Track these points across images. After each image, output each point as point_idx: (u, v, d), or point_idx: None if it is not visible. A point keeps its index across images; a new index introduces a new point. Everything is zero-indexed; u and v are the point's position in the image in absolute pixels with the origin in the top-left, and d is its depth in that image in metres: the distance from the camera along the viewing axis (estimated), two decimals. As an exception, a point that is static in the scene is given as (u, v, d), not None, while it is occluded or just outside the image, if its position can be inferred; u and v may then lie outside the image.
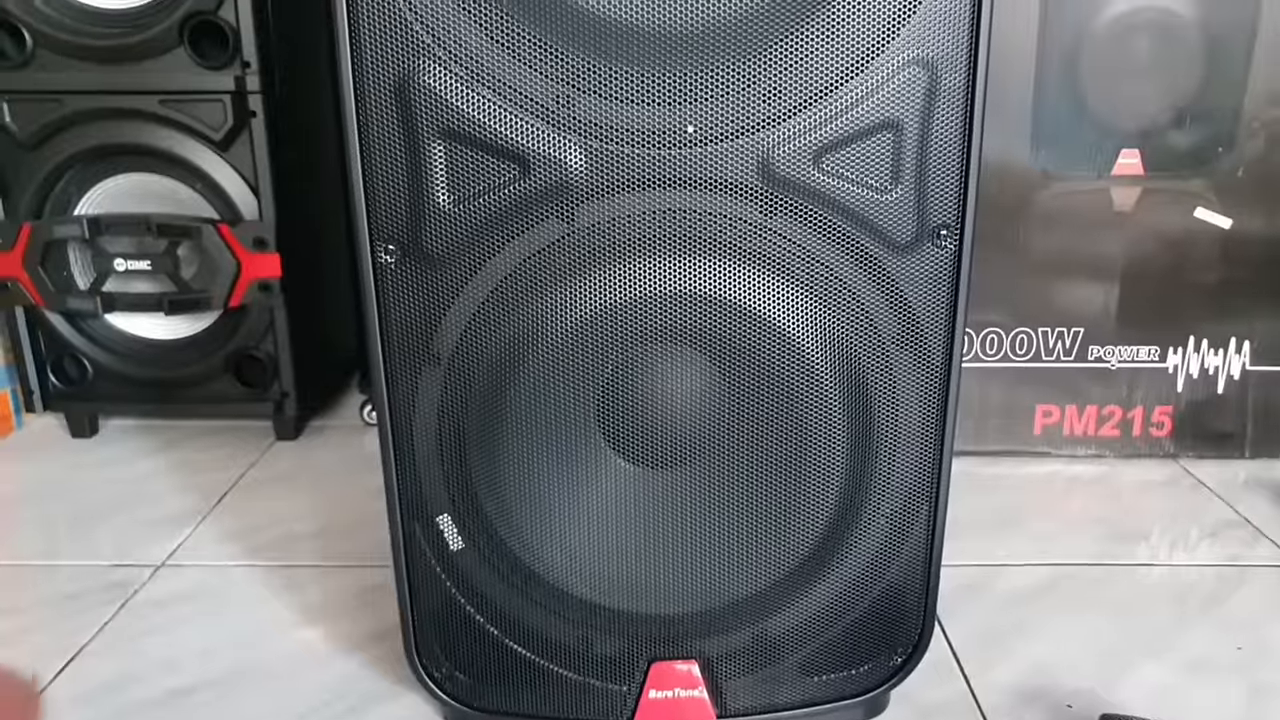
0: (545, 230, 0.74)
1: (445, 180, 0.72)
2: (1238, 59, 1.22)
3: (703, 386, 0.78)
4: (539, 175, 0.72)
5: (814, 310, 0.76)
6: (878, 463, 0.81)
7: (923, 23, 0.70)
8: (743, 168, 0.72)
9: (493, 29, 0.69)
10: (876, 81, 0.71)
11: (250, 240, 1.33)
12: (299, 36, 1.37)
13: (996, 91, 1.15)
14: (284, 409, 1.43)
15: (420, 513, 0.81)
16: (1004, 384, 1.35)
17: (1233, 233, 1.27)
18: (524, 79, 0.70)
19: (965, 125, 0.73)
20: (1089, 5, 1.21)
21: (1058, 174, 1.27)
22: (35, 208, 1.36)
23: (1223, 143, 1.25)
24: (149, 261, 1.36)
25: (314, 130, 1.43)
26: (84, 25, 1.28)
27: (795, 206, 0.73)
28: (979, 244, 0.77)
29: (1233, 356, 1.32)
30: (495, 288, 0.76)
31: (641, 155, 0.72)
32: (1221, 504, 1.26)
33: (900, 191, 0.73)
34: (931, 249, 0.75)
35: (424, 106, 0.70)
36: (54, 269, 1.37)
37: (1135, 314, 1.31)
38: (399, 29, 0.69)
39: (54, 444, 1.48)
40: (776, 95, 0.71)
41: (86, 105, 1.30)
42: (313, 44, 1.38)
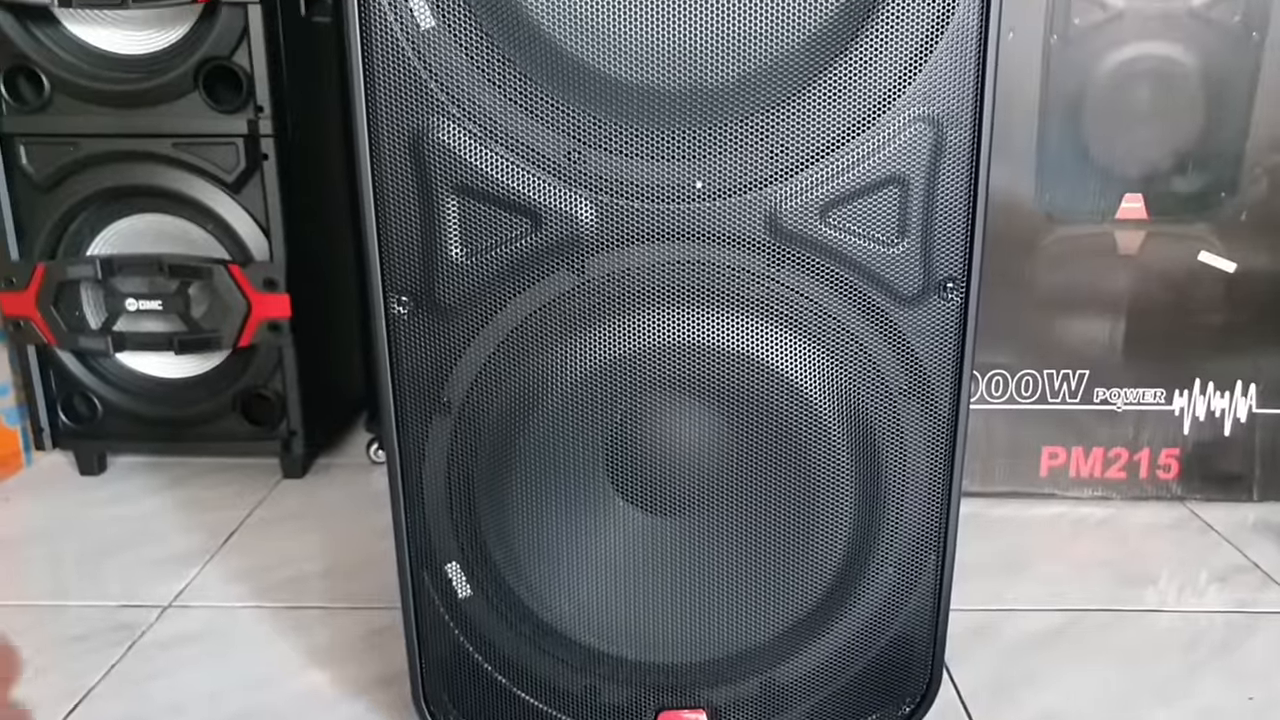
0: (556, 282, 0.75)
1: (458, 234, 0.73)
2: (1239, 106, 1.23)
3: (711, 435, 0.79)
4: (550, 229, 0.73)
5: (822, 361, 0.76)
6: (885, 512, 0.82)
7: (928, 81, 0.71)
8: (750, 222, 0.73)
9: (506, 86, 0.71)
10: (883, 138, 0.72)
11: (260, 281, 1.34)
12: (311, 80, 1.39)
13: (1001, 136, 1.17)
14: (292, 447, 1.44)
15: (429, 561, 0.82)
16: (1010, 426, 1.35)
17: (1237, 276, 1.28)
18: (536, 135, 0.72)
19: (971, 180, 0.73)
20: (1091, 53, 1.22)
21: (1063, 218, 1.28)
22: (49, 248, 1.37)
23: (1225, 188, 1.26)
24: (160, 301, 1.37)
25: (324, 172, 1.44)
26: (101, 70, 1.31)
27: (803, 259, 0.74)
28: (985, 286, 0.78)
29: (1239, 399, 1.32)
30: (506, 338, 0.76)
31: (651, 210, 0.73)
32: (1230, 548, 1.25)
33: (906, 245, 0.74)
34: (938, 302, 0.76)
35: (438, 162, 0.71)
36: (66, 308, 1.38)
37: (1141, 356, 1.31)
38: (414, 86, 0.71)
39: (62, 481, 1.48)
40: (784, 151, 0.72)
41: (101, 148, 1.32)
42: (324, 88, 1.40)
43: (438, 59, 0.70)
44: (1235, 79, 1.22)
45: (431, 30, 0.70)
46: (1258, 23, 1.20)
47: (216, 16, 1.27)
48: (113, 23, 1.31)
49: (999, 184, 1.23)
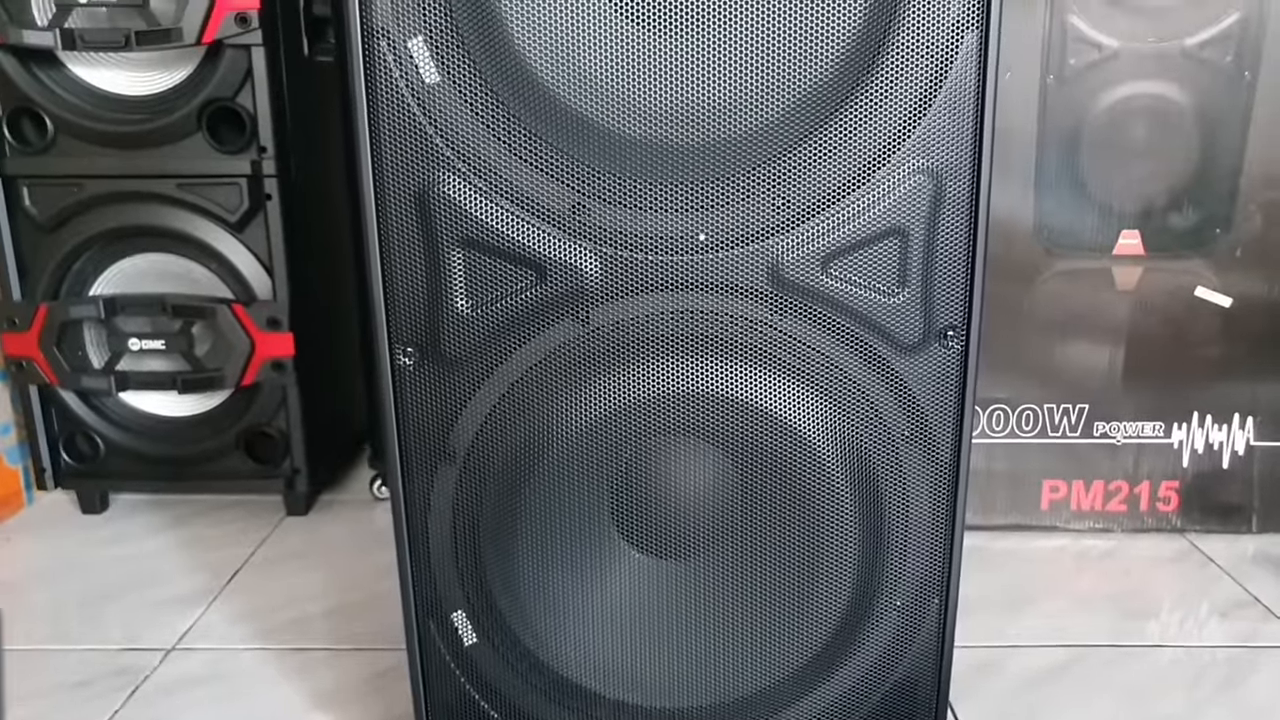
0: (560, 331, 0.76)
1: (463, 286, 0.74)
2: (1232, 144, 1.24)
3: (716, 481, 0.80)
4: (555, 281, 0.74)
5: (825, 409, 0.77)
6: (889, 557, 0.82)
7: (927, 134, 0.72)
8: (753, 273, 0.74)
9: (511, 140, 0.72)
10: (882, 190, 0.73)
11: (264, 320, 1.35)
12: (314, 119, 1.40)
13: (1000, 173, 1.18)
14: (295, 485, 1.44)
15: (435, 609, 0.82)
16: (1011, 459, 1.35)
17: (1233, 311, 1.29)
18: (541, 188, 0.73)
19: (970, 231, 0.74)
20: (1087, 92, 1.24)
21: (1061, 253, 1.29)
22: (52, 288, 1.38)
23: (1220, 224, 1.27)
24: (163, 341, 1.38)
25: (327, 210, 1.45)
26: (105, 112, 1.32)
27: (805, 309, 0.75)
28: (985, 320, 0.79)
29: (1237, 432, 1.32)
30: (511, 386, 0.77)
31: (654, 261, 0.74)
32: (1231, 582, 1.26)
33: (907, 295, 0.75)
34: (939, 349, 0.77)
35: (444, 216, 0.72)
36: (69, 348, 1.38)
37: (1139, 390, 1.32)
38: (419, 140, 0.71)
39: (64, 520, 1.48)
40: (786, 204, 0.73)
41: (105, 189, 1.33)
42: (327, 126, 1.41)
43: (442, 113, 0.71)
44: (1228, 118, 1.24)
45: (436, 85, 0.71)
46: (1249, 63, 1.22)
47: (220, 58, 1.29)
48: (116, 64, 1.32)
49: (998, 219, 1.24)
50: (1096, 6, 1.22)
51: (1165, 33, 1.22)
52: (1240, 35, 1.21)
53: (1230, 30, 1.21)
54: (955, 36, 0.71)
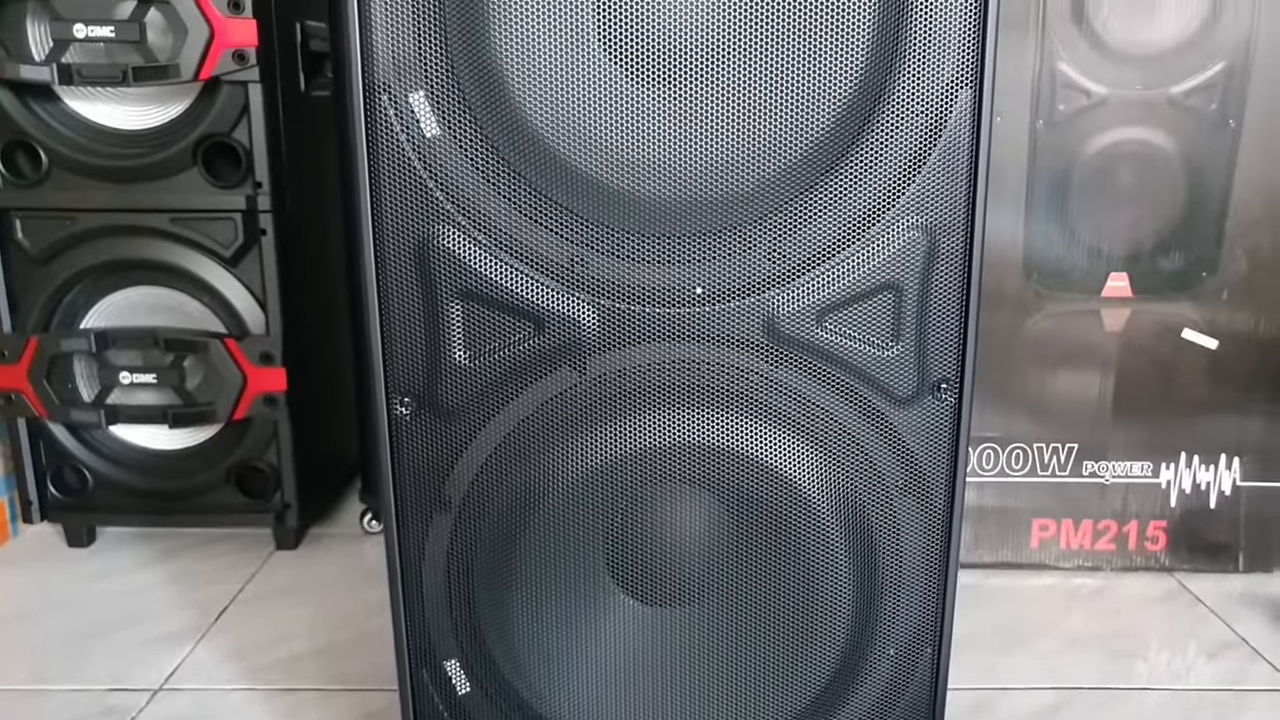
0: (557, 380, 0.76)
1: (461, 337, 0.74)
2: (1218, 189, 1.26)
3: (711, 530, 0.80)
4: (553, 333, 0.74)
5: (819, 459, 0.77)
6: (882, 605, 0.82)
7: (921, 191, 0.73)
8: (749, 326, 0.75)
9: (511, 193, 0.72)
10: (877, 246, 0.73)
11: (257, 355, 1.35)
12: (310, 154, 1.40)
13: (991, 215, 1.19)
14: (285, 519, 1.44)
15: (428, 659, 0.82)
16: (1001, 498, 1.36)
17: (1219, 353, 1.30)
18: (540, 240, 0.73)
19: (963, 286, 0.75)
20: (1076, 137, 1.26)
21: (1050, 295, 1.30)
22: (43, 320, 1.37)
23: (1207, 267, 1.29)
24: (155, 375, 1.37)
25: (321, 245, 1.45)
26: (100, 146, 1.32)
27: (800, 361, 0.76)
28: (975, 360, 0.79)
29: (1223, 472, 1.34)
30: (507, 435, 0.77)
31: (651, 313, 0.75)
32: (1218, 622, 1.26)
33: (901, 348, 0.76)
34: (932, 402, 0.78)
35: (443, 268, 0.73)
36: (59, 382, 1.38)
37: (1127, 430, 1.33)
38: (419, 193, 0.72)
39: (50, 553, 1.47)
40: (781, 258, 0.74)
41: (98, 223, 1.33)
42: (323, 162, 1.42)
43: (443, 167, 0.72)
44: (1214, 164, 1.26)
45: (436, 138, 0.72)
46: (1234, 111, 1.24)
47: (217, 94, 1.29)
48: (113, 98, 1.32)
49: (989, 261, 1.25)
50: (1085, 54, 1.24)
51: (1152, 81, 1.24)
52: (1225, 84, 1.23)
53: (1215, 79, 1.23)
54: (949, 95, 0.72)
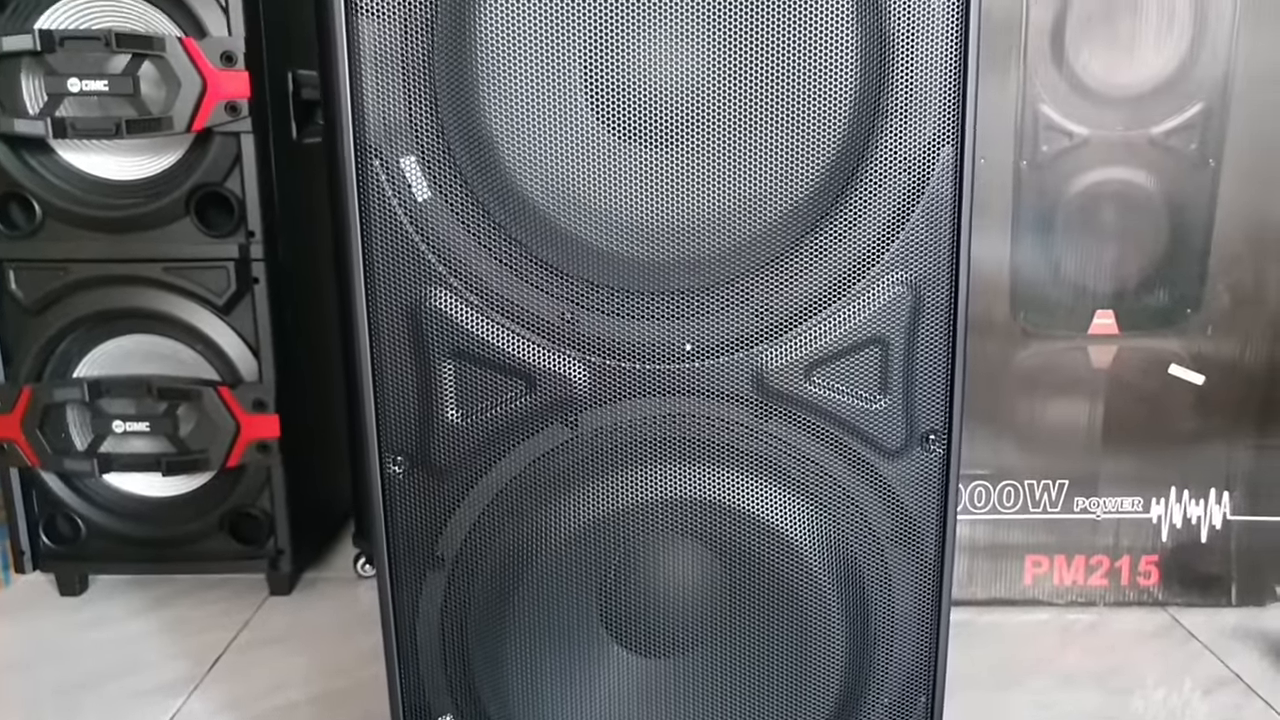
0: (549, 436, 0.77)
1: (454, 397, 0.75)
2: (1200, 226, 1.28)
3: (704, 580, 0.80)
4: (544, 390, 0.75)
5: (810, 512, 0.78)
6: (875, 655, 0.83)
7: (906, 246, 0.74)
8: (738, 381, 0.76)
9: (501, 254, 0.73)
10: (863, 301, 0.75)
11: (250, 402, 1.35)
12: (302, 201, 1.41)
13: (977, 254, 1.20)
14: (279, 565, 1.43)
15: (424, 715, 0.82)
16: (994, 535, 1.37)
17: (1206, 388, 1.32)
18: (531, 299, 0.74)
19: (949, 339, 0.76)
20: (1060, 177, 1.27)
21: (1037, 332, 1.32)
22: (36, 369, 1.38)
23: (1191, 304, 1.30)
24: (148, 423, 1.37)
25: (314, 291, 1.46)
26: (93, 196, 1.33)
27: (790, 414, 0.77)
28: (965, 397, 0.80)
29: (1213, 507, 1.35)
30: (500, 491, 0.78)
31: (642, 370, 0.75)
32: (1212, 658, 1.27)
33: (889, 401, 0.77)
34: (921, 453, 0.78)
35: (435, 329, 0.73)
36: (52, 431, 1.38)
37: (1117, 466, 1.34)
38: (412, 257, 0.73)
39: (42, 602, 1.46)
40: (769, 314, 0.75)
41: (91, 273, 1.34)
42: (314, 208, 1.43)
43: (434, 229, 0.73)
44: (1195, 202, 1.27)
45: (428, 202, 0.73)
46: (1213, 150, 1.26)
47: (210, 144, 1.30)
48: (106, 150, 1.33)
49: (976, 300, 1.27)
50: (1066, 96, 1.26)
51: (1132, 122, 1.26)
52: (1203, 125, 1.25)
53: (1194, 120, 1.25)
54: (932, 152, 0.74)
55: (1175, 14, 1.24)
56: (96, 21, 1.27)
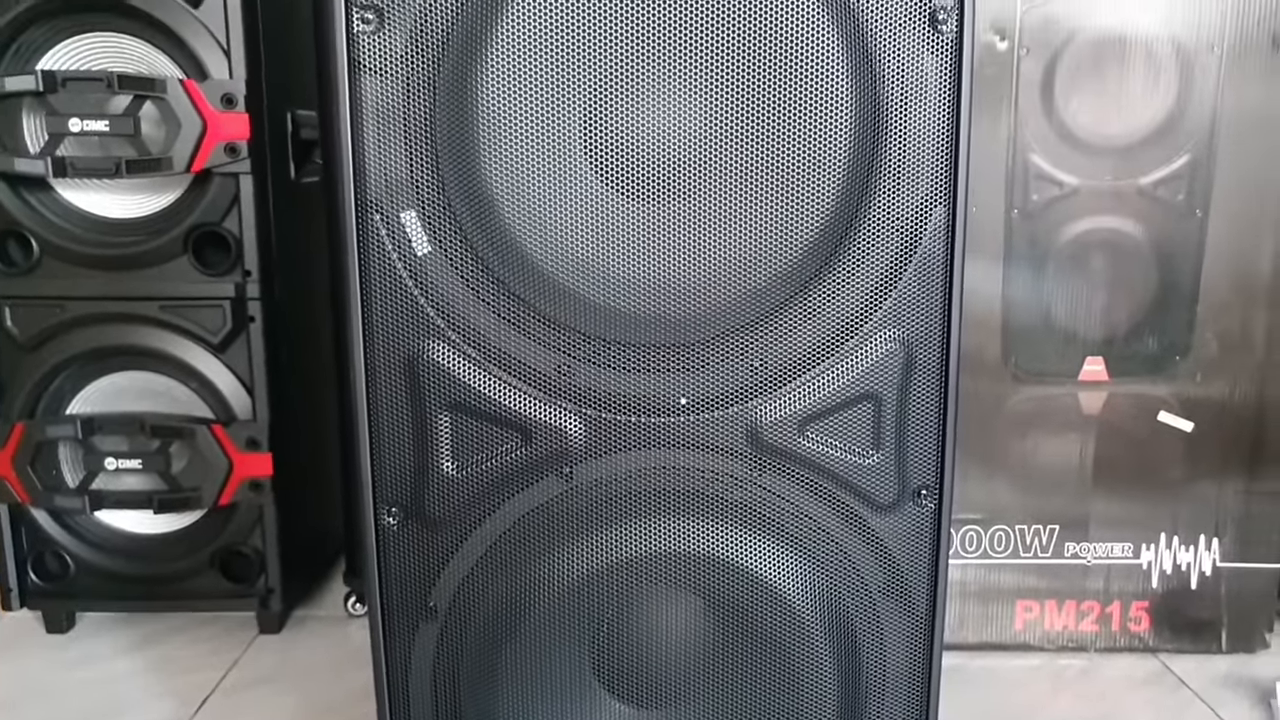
0: (543, 488, 0.77)
1: (449, 448, 0.75)
2: (1187, 275, 1.30)
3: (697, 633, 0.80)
4: (540, 443, 0.75)
5: (802, 565, 0.78)
6: (867, 708, 0.83)
7: (898, 304, 0.75)
8: (733, 435, 0.76)
9: (500, 307, 0.74)
10: (856, 357, 0.75)
11: (243, 440, 1.35)
12: (298, 241, 1.42)
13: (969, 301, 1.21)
14: (269, 604, 1.43)
15: (415, 767, 0.81)
16: (985, 580, 1.37)
17: (1195, 435, 1.33)
18: (527, 351, 0.75)
19: (941, 395, 0.77)
20: (1050, 225, 1.29)
21: (1028, 379, 1.33)
22: (29, 406, 1.37)
23: (1180, 351, 1.32)
24: (140, 460, 1.37)
25: (309, 330, 1.47)
26: (91, 234, 1.33)
27: (783, 467, 0.77)
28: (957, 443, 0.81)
29: (1203, 553, 1.35)
30: (493, 543, 0.78)
31: (636, 422, 0.76)
32: (1203, 707, 1.27)
33: (881, 457, 0.77)
34: (913, 508, 0.79)
35: (432, 382, 0.74)
36: (44, 468, 1.37)
37: (1108, 512, 1.35)
38: (410, 310, 0.74)
39: (28, 640, 1.45)
40: (763, 368, 0.76)
41: (88, 310, 1.34)
42: (311, 247, 1.44)
43: (433, 282, 0.74)
44: (1182, 251, 1.29)
45: (427, 255, 0.74)
46: (1200, 201, 1.28)
47: (208, 184, 1.31)
48: (106, 188, 1.34)
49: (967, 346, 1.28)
50: (1056, 147, 1.28)
51: (1121, 172, 1.27)
52: (1190, 175, 1.27)
53: (1181, 171, 1.27)
54: (924, 212, 0.75)
55: (1161, 68, 1.26)
56: (99, 63, 1.29)
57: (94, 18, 1.28)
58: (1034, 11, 1.26)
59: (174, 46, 1.28)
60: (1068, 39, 1.27)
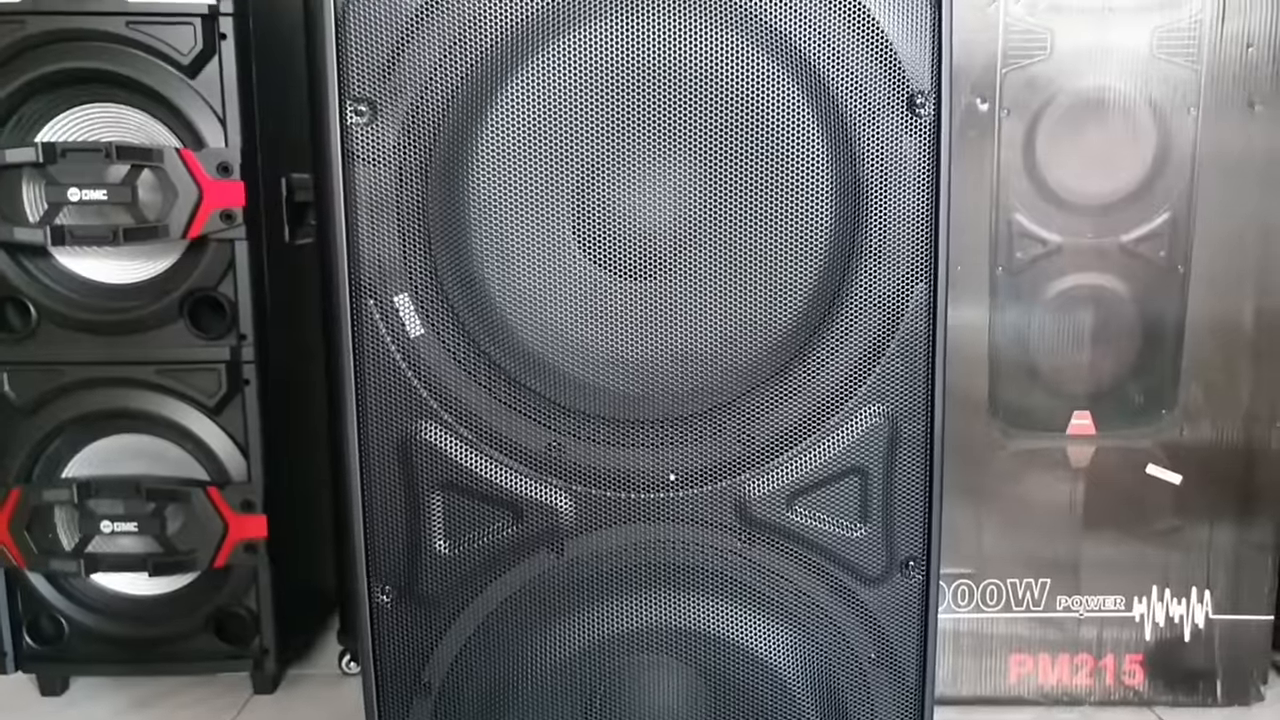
0: (535, 564, 0.78)
1: (442, 528, 0.76)
2: (1171, 330, 1.32)
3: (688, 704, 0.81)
4: (531, 521, 0.76)
5: (793, 637, 0.79)
6: (860, 778, 0.83)
7: (882, 379, 0.77)
8: (721, 509, 0.77)
9: (492, 387, 0.76)
10: (842, 432, 0.77)
11: (238, 502, 1.35)
12: (293, 303, 1.44)
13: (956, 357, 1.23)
14: (264, 665, 1.42)
15: (408, 845, 0.81)
16: (977, 634, 1.37)
17: (1183, 488, 1.34)
18: (519, 430, 0.76)
19: (926, 468, 0.79)
20: (1034, 282, 1.31)
21: (1016, 433, 1.34)
22: (26, 469, 1.38)
23: (1166, 404, 1.33)
24: (136, 523, 1.38)
25: (304, 395, 1.48)
26: (89, 300, 1.34)
27: (772, 541, 0.78)
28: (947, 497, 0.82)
29: (1195, 605, 1.36)
30: (486, 619, 0.79)
31: (626, 499, 0.77)
32: (1199, 761, 1.27)
33: (869, 530, 0.79)
34: (901, 580, 0.80)
35: (425, 462, 0.75)
36: (39, 531, 1.38)
37: (1099, 565, 1.36)
38: (403, 391, 0.75)
39: (21, 704, 1.44)
40: (750, 442, 0.77)
41: (85, 375, 1.35)
42: (305, 308, 1.45)
43: (426, 364, 0.75)
44: (1166, 306, 1.31)
45: (420, 338, 0.75)
46: (1181, 257, 1.30)
47: (204, 250, 1.33)
48: (103, 254, 1.36)
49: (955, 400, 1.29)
50: (1039, 205, 1.30)
51: (1103, 230, 1.30)
52: (1171, 232, 1.30)
53: (1161, 228, 1.30)
54: (905, 288, 0.77)
55: (1139, 128, 1.29)
56: (98, 133, 1.31)
57: (93, 89, 1.30)
58: (1014, 74, 1.29)
59: (171, 116, 1.31)
60: (1048, 100, 1.29)
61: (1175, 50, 1.28)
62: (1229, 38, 1.27)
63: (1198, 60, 1.28)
